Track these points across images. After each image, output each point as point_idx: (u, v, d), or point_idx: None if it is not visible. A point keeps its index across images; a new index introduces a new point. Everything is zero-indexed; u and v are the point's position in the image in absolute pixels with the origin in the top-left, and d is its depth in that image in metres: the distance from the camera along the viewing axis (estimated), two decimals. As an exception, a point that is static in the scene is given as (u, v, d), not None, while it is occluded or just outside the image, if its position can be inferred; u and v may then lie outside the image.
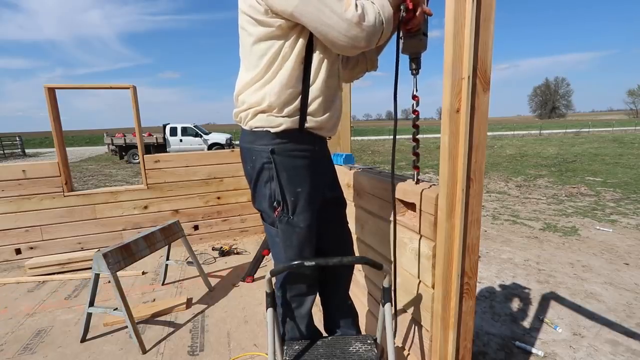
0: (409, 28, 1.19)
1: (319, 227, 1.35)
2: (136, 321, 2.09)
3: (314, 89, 1.18)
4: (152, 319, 2.27)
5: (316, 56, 1.16)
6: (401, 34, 1.22)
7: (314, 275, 1.39)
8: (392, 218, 1.51)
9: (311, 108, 1.19)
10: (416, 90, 1.28)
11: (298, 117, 1.18)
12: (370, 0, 1.06)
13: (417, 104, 1.29)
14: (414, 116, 1.32)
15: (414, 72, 1.27)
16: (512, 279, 3.05)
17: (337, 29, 1.01)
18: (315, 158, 1.28)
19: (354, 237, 1.96)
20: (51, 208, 3.20)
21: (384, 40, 1.12)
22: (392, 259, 1.47)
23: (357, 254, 1.97)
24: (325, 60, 1.18)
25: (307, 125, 1.20)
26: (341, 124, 2.35)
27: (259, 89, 1.17)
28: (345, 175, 2.01)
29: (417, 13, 1.15)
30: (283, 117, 1.17)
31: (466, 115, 1.06)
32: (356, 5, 1.01)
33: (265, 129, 1.19)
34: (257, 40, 1.13)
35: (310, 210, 1.28)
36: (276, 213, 1.26)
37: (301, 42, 1.12)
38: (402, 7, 1.14)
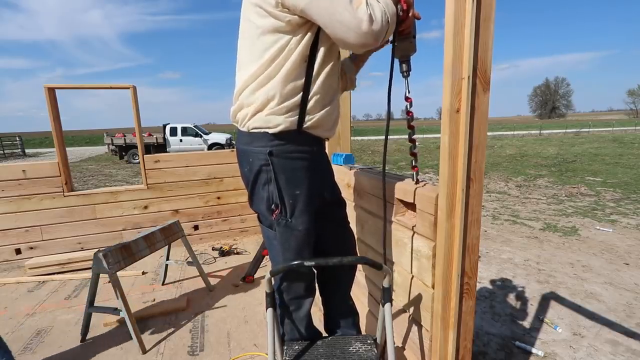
0: (402, 30, 1.21)
1: (319, 228, 1.35)
2: (136, 321, 2.09)
3: (315, 86, 1.18)
4: (152, 319, 2.27)
5: (320, 55, 1.16)
6: (392, 37, 1.23)
7: (311, 278, 1.39)
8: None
9: (310, 104, 1.19)
10: (408, 92, 1.29)
11: (297, 117, 1.18)
12: None
13: (411, 105, 1.30)
14: (408, 117, 1.33)
15: (405, 74, 1.29)
16: (512, 279, 3.05)
17: (348, 26, 1.01)
18: (313, 160, 1.27)
19: (355, 237, 1.96)
20: (51, 208, 3.20)
21: (387, 39, 1.12)
22: (383, 255, 1.47)
23: (357, 254, 1.97)
24: (328, 60, 1.19)
25: (305, 125, 1.20)
26: (341, 124, 2.34)
27: (260, 83, 1.16)
28: (345, 175, 2.01)
29: (410, 14, 1.16)
30: (282, 115, 1.16)
31: (466, 115, 1.06)
32: (366, 3, 1.01)
33: (263, 130, 1.18)
34: (264, 32, 1.12)
35: (309, 213, 1.27)
36: (274, 215, 1.25)
37: (307, 39, 1.12)
38: (398, 7, 1.15)
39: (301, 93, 1.17)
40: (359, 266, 1.99)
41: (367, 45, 1.06)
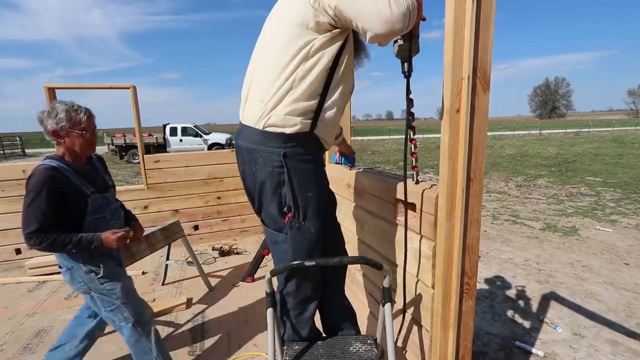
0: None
1: None
2: (136, 321, 2.09)
3: (331, 100, 1.22)
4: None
5: (339, 72, 1.20)
6: (398, 38, 1.23)
7: (319, 278, 1.38)
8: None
9: (323, 115, 1.22)
10: (410, 92, 1.29)
11: (310, 121, 1.20)
12: None
13: (412, 106, 1.30)
14: (409, 118, 1.33)
15: (407, 74, 1.29)
16: (512, 279, 3.05)
17: (378, 13, 1.03)
18: (318, 163, 1.30)
19: (355, 237, 1.96)
20: (51, 208, 3.20)
21: (411, 27, 1.13)
22: (403, 263, 1.47)
23: (357, 253, 1.97)
24: (344, 80, 1.23)
25: (316, 130, 1.23)
26: (341, 124, 2.35)
27: (280, 71, 1.17)
28: (345, 175, 2.01)
29: (419, 15, 1.16)
30: (299, 117, 1.18)
31: (466, 115, 1.06)
32: None
33: (279, 131, 1.18)
34: (295, 24, 1.14)
35: (319, 215, 1.27)
36: (287, 219, 1.24)
37: (330, 51, 1.15)
38: None
39: (318, 99, 1.19)
40: (359, 266, 1.99)
41: (395, 31, 1.06)
